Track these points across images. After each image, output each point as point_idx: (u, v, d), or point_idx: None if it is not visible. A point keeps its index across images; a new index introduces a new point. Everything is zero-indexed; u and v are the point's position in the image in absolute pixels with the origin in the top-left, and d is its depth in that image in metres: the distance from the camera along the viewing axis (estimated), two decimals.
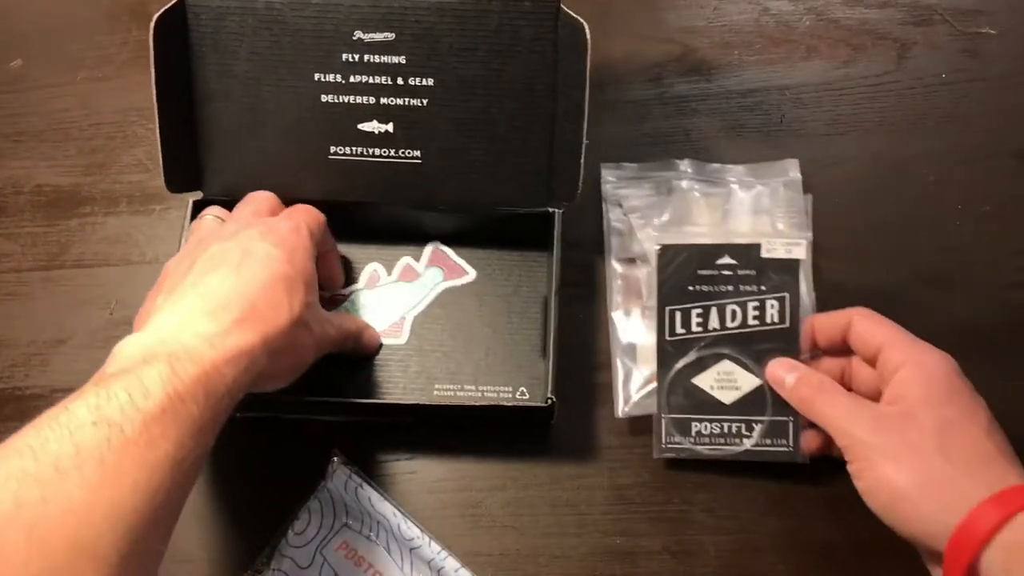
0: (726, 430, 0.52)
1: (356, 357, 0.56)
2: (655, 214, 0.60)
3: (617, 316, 0.57)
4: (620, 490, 0.54)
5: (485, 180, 0.57)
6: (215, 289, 0.44)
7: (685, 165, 0.61)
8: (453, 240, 0.60)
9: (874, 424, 0.46)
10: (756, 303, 0.52)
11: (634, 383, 0.55)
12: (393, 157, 0.56)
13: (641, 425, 0.55)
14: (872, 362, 0.50)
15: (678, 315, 0.53)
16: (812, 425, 0.51)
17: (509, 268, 0.59)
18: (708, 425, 0.52)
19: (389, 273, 0.59)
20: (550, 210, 0.57)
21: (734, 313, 0.52)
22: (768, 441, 0.52)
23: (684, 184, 0.61)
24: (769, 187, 0.60)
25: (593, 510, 0.54)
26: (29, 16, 0.71)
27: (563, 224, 0.57)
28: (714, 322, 0.52)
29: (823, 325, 0.52)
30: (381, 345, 0.57)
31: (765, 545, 0.53)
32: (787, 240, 0.52)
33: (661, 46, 0.68)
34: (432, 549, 0.51)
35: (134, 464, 0.36)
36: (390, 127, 0.56)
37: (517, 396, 0.56)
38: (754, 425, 0.52)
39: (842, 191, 0.62)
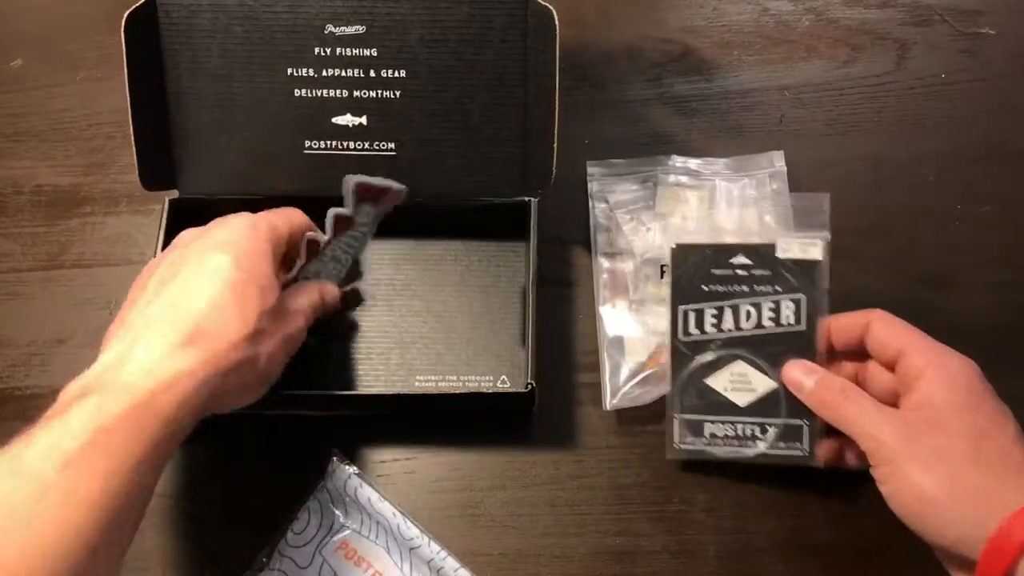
0: (740, 432, 0.52)
1: (333, 333, 0.57)
2: (641, 209, 0.60)
3: (604, 310, 0.57)
4: (620, 490, 0.54)
5: (460, 170, 0.57)
6: (159, 311, 0.43)
7: (670, 160, 0.62)
8: (430, 232, 0.60)
9: (901, 428, 0.45)
10: (771, 304, 0.51)
11: (622, 376, 0.55)
12: (368, 150, 0.57)
13: (639, 423, 0.55)
14: (890, 366, 0.49)
15: (691, 315, 0.52)
16: (829, 433, 0.50)
17: (487, 259, 0.60)
18: (721, 426, 0.52)
19: (325, 232, 0.56)
20: (526, 199, 0.57)
21: (749, 314, 0.52)
22: (782, 444, 0.51)
23: (670, 178, 0.61)
24: (755, 179, 0.61)
25: (593, 510, 0.54)
26: (29, 16, 0.72)
27: (551, 221, 0.57)
28: (728, 323, 0.52)
29: (840, 327, 0.51)
30: (345, 299, 0.56)
31: (765, 545, 0.53)
32: (803, 240, 0.52)
33: (661, 46, 0.68)
34: (432, 549, 0.51)
35: (57, 505, 0.36)
36: (364, 120, 0.56)
37: (498, 385, 0.56)
38: (768, 428, 0.51)
39: (842, 191, 0.62)
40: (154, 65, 0.55)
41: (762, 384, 0.51)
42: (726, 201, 0.60)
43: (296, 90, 0.56)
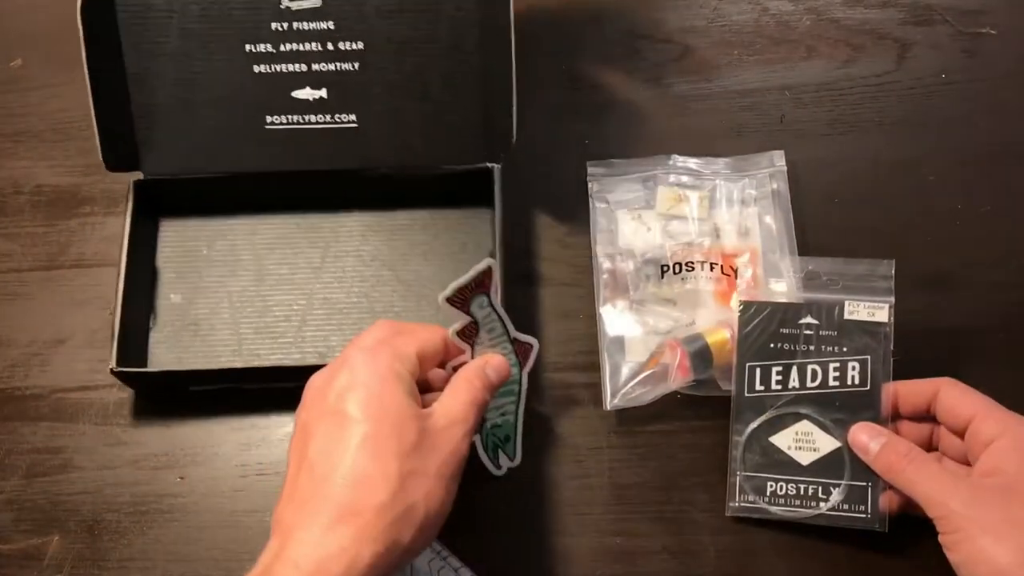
0: (802, 492, 0.51)
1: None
2: (641, 209, 0.60)
3: (605, 310, 0.57)
4: (620, 490, 0.54)
5: (421, 140, 0.58)
6: (304, 495, 0.42)
7: (670, 159, 0.61)
8: (395, 202, 0.61)
9: (971, 495, 0.45)
10: (837, 364, 0.52)
11: (622, 376, 0.55)
12: (329, 123, 0.57)
13: (639, 422, 0.55)
14: (960, 433, 0.49)
15: (758, 371, 0.52)
16: (892, 488, 0.50)
17: (454, 226, 0.61)
18: (784, 485, 0.51)
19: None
20: (489, 166, 0.58)
21: (815, 373, 0.52)
22: (846, 506, 0.50)
23: (670, 178, 0.61)
24: (755, 179, 0.61)
25: (593, 510, 0.54)
26: (29, 16, 0.71)
27: (550, 221, 0.58)
28: (794, 381, 0.52)
29: (907, 393, 0.51)
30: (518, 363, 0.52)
31: (765, 545, 0.53)
32: (870, 303, 0.52)
33: (661, 46, 0.68)
34: (432, 549, 0.51)
35: None
36: (323, 93, 0.57)
37: None
38: (831, 489, 0.51)
39: (842, 191, 0.62)
40: (113, 46, 0.56)
41: (826, 444, 0.51)
42: (727, 201, 0.60)
43: (255, 66, 0.56)
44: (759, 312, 0.53)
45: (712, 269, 0.57)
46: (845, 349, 0.52)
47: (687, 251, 0.58)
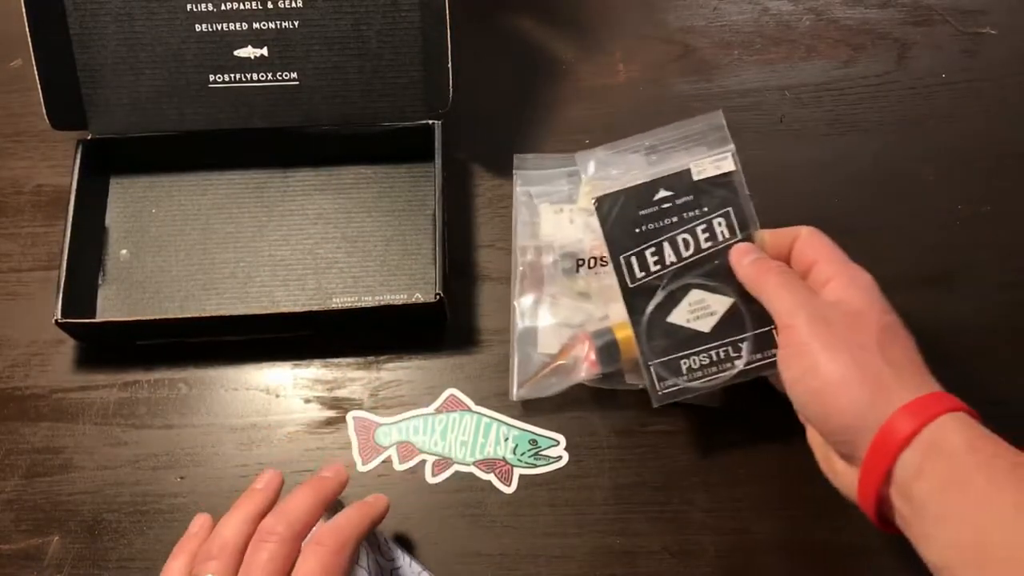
0: (715, 358, 0.51)
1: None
2: (563, 203, 0.59)
3: (519, 302, 0.57)
4: (620, 490, 0.54)
5: (362, 97, 0.59)
6: None
7: (596, 149, 0.56)
8: (339, 160, 0.62)
9: (823, 312, 0.46)
10: (703, 225, 0.52)
11: (533, 365, 0.55)
12: (271, 81, 0.59)
13: (638, 422, 0.56)
14: (805, 276, 0.50)
15: (633, 260, 0.52)
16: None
17: (397, 183, 0.62)
18: (696, 359, 0.52)
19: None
20: (429, 122, 0.59)
21: (686, 242, 0.52)
22: (758, 356, 0.51)
23: (600, 155, 0.56)
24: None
25: (593, 510, 0.54)
26: None
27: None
28: (670, 256, 0.52)
29: (774, 239, 0.52)
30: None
31: (765, 545, 0.53)
32: (713, 157, 0.52)
33: (661, 46, 0.68)
34: (412, 570, 0.50)
35: None
36: (265, 51, 0.58)
37: (412, 300, 0.58)
38: (740, 345, 0.51)
39: (842, 191, 0.62)
40: (55, 7, 0.57)
41: (721, 304, 0.52)
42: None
43: (197, 25, 0.57)
44: (615, 202, 0.53)
45: None
46: (706, 209, 0.52)
47: (603, 246, 0.57)
